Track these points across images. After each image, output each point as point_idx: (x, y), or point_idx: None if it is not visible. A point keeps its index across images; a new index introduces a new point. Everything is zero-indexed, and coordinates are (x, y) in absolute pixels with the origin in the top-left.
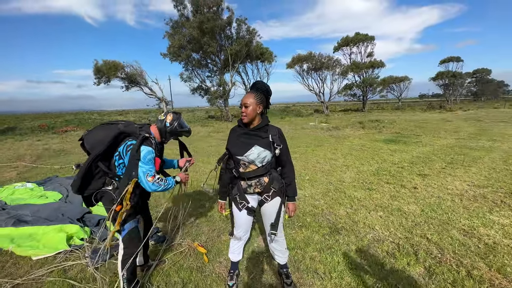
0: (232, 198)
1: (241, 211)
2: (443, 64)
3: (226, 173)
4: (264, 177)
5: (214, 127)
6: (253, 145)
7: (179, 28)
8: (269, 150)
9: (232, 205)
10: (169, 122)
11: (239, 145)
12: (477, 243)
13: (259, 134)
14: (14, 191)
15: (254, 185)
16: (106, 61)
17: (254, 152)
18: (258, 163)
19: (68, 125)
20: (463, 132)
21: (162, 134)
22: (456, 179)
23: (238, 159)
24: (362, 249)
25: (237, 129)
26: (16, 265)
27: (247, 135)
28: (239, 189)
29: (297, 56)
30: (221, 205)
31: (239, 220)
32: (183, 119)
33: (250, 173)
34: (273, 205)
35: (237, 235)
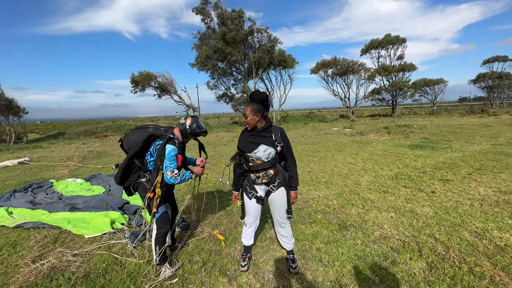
0: (243, 188)
1: (251, 200)
2: (486, 64)
3: (238, 168)
4: (270, 170)
5: (238, 133)
6: (259, 144)
7: (206, 40)
8: (273, 147)
9: (243, 195)
10: (189, 125)
11: (248, 144)
12: (486, 245)
13: (263, 135)
14: (67, 185)
15: (262, 176)
16: (141, 72)
17: (261, 150)
18: (264, 159)
19: (108, 130)
20: (502, 137)
21: (183, 135)
22: (481, 185)
23: (247, 156)
24: (367, 244)
25: (246, 132)
26: (73, 241)
27: (254, 136)
28: (249, 180)
29: (321, 61)
30: (235, 196)
31: (249, 208)
32: (200, 121)
33: (257, 167)
34: (279, 195)
35: (247, 221)
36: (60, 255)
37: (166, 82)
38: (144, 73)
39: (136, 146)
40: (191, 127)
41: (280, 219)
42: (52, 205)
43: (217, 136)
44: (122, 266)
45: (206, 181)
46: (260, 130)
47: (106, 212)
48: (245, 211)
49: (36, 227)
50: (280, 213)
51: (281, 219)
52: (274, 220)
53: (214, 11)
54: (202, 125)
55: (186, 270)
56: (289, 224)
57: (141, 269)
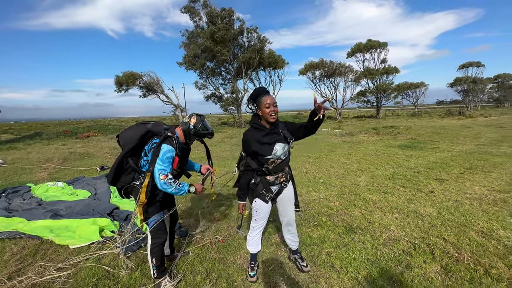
0: (258, 194)
1: (268, 203)
2: (462, 69)
3: (245, 175)
4: (286, 166)
5: (228, 133)
6: (275, 142)
7: (194, 38)
8: (287, 143)
9: (256, 201)
10: (193, 124)
11: (265, 146)
12: (496, 245)
13: (275, 132)
14: (48, 189)
15: (281, 175)
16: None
17: (279, 149)
18: (283, 156)
19: (90, 130)
20: (483, 138)
21: (186, 135)
22: (475, 184)
23: (266, 159)
24: (377, 247)
25: (255, 132)
26: (56, 252)
27: (268, 136)
28: (265, 184)
29: (309, 63)
30: (243, 206)
31: (263, 212)
32: (207, 122)
33: (278, 167)
34: (290, 190)
35: (258, 226)
36: (41, 269)
37: (152, 82)
38: (128, 73)
39: (132, 142)
40: (196, 127)
41: (292, 217)
42: (30, 211)
43: None
44: (114, 280)
45: None
46: (272, 128)
47: (93, 219)
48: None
49: (12, 237)
50: (292, 210)
51: (293, 217)
52: (284, 221)
53: (203, 9)
54: (209, 125)
55: (189, 283)
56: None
57: (137, 282)
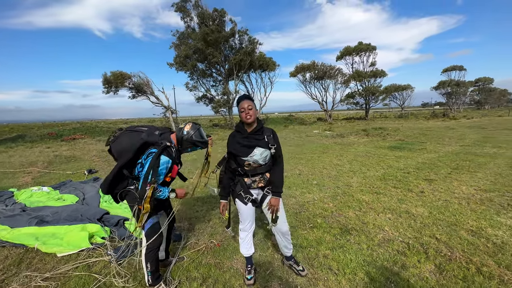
0: (236, 195)
1: (247, 204)
2: (445, 72)
3: (226, 175)
4: (266, 173)
5: (219, 135)
6: (255, 147)
7: (185, 39)
8: (268, 149)
9: (236, 201)
10: (187, 131)
11: (242, 148)
12: (485, 243)
13: (256, 137)
14: (32, 194)
15: (258, 180)
16: (114, 72)
17: (257, 153)
18: (262, 162)
19: (76, 133)
20: (467, 139)
21: (179, 142)
22: (463, 184)
23: (243, 160)
24: (372, 248)
25: (236, 134)
26: (43, 261)
27: (247, 139)
28: (243, 185)
29: (300, 65)
30: (223, 205)
31: (245, 213)
32: (203, 131)
33: (255, 170)
34: None
35: (244, 228)
36: (27, 280)
37: (142, 83)
38: (117, 73)
39: (128, 154)
40: (188, 134)
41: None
42: (13, 218)
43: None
44: None
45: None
46: (253, 132)
47: (82, 225)
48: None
49: None
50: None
51: (281, 226)
52: (273, 228)
53: (194, 10)
54: (204, 135)
55: None
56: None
57: None
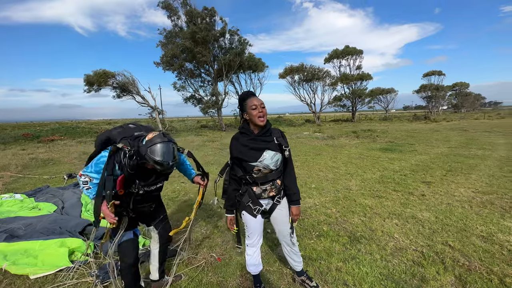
0: (244, 206)
1: (256, 217)
2: (426, 77)
3: (231, 184)
4: (278, 179)
5: (208, 136)
6: (264, 149)
7: (173, 38)
8: (280, 152)
9: (243, 214)
10: (145, 142)
11: (250, 152)
12: (500, 250)
13: (265, 139)
14: (2, 202)
15: (270, 189)
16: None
17: (267, 157)
18: (273, 167)
19: (54, 134)
20: (453, 141)
21: (135, 152)
22: (460, 186)
23: (251, 166)
24: (386, 258)
25: (240, 136)
26: (12, 285)
27: (254, 141)
28: (251, 195)
29: (289, 67)
30: (231, 220)
31: (253, 226)
32: (167, 149)
33: (266, 178)
34: (285, 206)
35: (252, 243)
36: None
37: (127, 82)
38: (100, 71)
39: (95, 150)
40: (145, 145)
41: (287, 236)
42: None
43: (185, 140)
44: None
45: (186, 192)
46: (261, 133)
47: (61, 240)
48: (248, 232)
49: None
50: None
51: (288, 236)
52: (281, 240)
53: (182, 8)
54: (163, 154)
55: None
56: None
57: None
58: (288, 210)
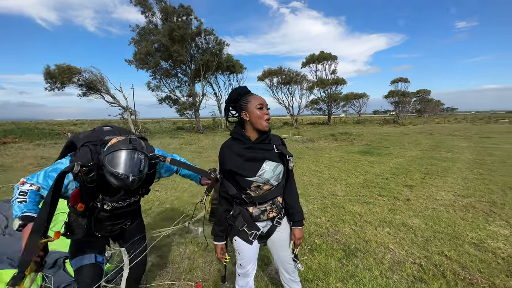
0: (237, 231)
1: (252, 243)
2: (393, 84)
3: (221, 204)
4: (278, 197)
5: (185, 139)
6: (264, 160)
7: (146, 35)
8: (282, 163)
9: (236, 240)
10: (107, 147)
11: (246, 164)
12: (494, 259)
13: (264, 147)
14: None
15: (269, 209)
16: (60, 65)
17: (268, 169)
18: (274, 181)
19: (7, 135)
20: (423, 144)
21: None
22: (440, 189)
23: (249, 182)
24: (386, 274)
25: (234, 144)
26: None
27: (251, 150)
28: (246, 218)
29: (268, 70)
30: (221, 249)
31: (248, 255)
32: (130, 159)
33: (266, 196)
34: (285, 228)
35: (245, 273)
36: None
37: (95, 79)
38: (64, 66)
39: None
40: (105, 152)
41: (288, 266)
42: None
43: (161, 143)
44: None
45: (160, 203)
46: (260, 140)
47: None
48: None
49: None
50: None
51: (289, 263)
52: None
53: (157, 4)
54: (120, 164)
55: None
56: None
57: None
58: (290, 232)
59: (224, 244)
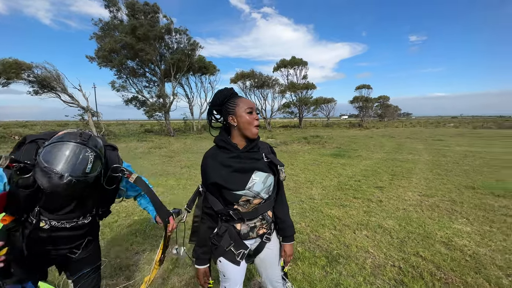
0: (222, 252)
1: (240, 264)
2: (357, 90)
3: (204, 222)
4: (269, 211)
5: (154, 142)
6: (253, 171)
7: (111, 31)
8: (273, 174)
9: (221, 262)
10: (51, 139)
11: (235, 175)
12: (463, 256)
13: (252, 156)
14: None
15: (259, 225)
16: (5, 60)
17: (258, 181)
18: (265, 194)
19: None
20: (387, 147)
21: None
22: (407, 190)
23: (237, 196)
24: (369, 279)
25: (219, 153)
26: None
27: (239, 159)
28: (233, 236)
29: (240, 72)
30: (205, 273)
31: (235, 277)
32: (73, 155)
33: (255, 211)
34: (275, 244)
35: None
36: None
37: (49, 76)
38: (10, 61)
39: None
40: (42, 150)
41: (277, 282)
42: None
43: (127, 147)
44: None
45: (128, 214)
46: (248, 148)
47: None
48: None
49: None
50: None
51: (278, 282)
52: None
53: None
54: (57, 158)
55: None
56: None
57: None
58: (279, 248)
59: (207, 267)
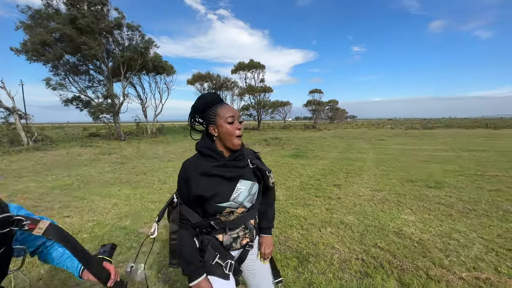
0: (209, 267)
1: (229, 278)
2: (310, 94)
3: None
4: (252, 219)
5: (103, 148)
6: (237, 180)
7: (44, 20)
8: (258, 182)
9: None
10: None
11: (220, 186)
12: (412, 244)
13: (237, 164)
14: None
15: (242, 235)
16: None
17: (243, 190)
18: (248, 203)
19: None
20: (339, 147)
21: None
22: (361, 186)
23: (221, 208)
24: (338, 275)
25: (202, 162)
26: None
27: (225, 168)
28: (216, 247)
29: (197, 74)
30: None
31: None
32: None
33: (238, 221)
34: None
35: None
36: None
37: None
38: None
39: None
40: None
41: None
42: None
43: (69, 154)
44: None
45: (74, 231)
46: (234, 157)
47: None
48: None
49: None
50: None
51: None
52: None
53: None
54: None
55: None
56: None
57: None
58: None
59: (206, 277)
